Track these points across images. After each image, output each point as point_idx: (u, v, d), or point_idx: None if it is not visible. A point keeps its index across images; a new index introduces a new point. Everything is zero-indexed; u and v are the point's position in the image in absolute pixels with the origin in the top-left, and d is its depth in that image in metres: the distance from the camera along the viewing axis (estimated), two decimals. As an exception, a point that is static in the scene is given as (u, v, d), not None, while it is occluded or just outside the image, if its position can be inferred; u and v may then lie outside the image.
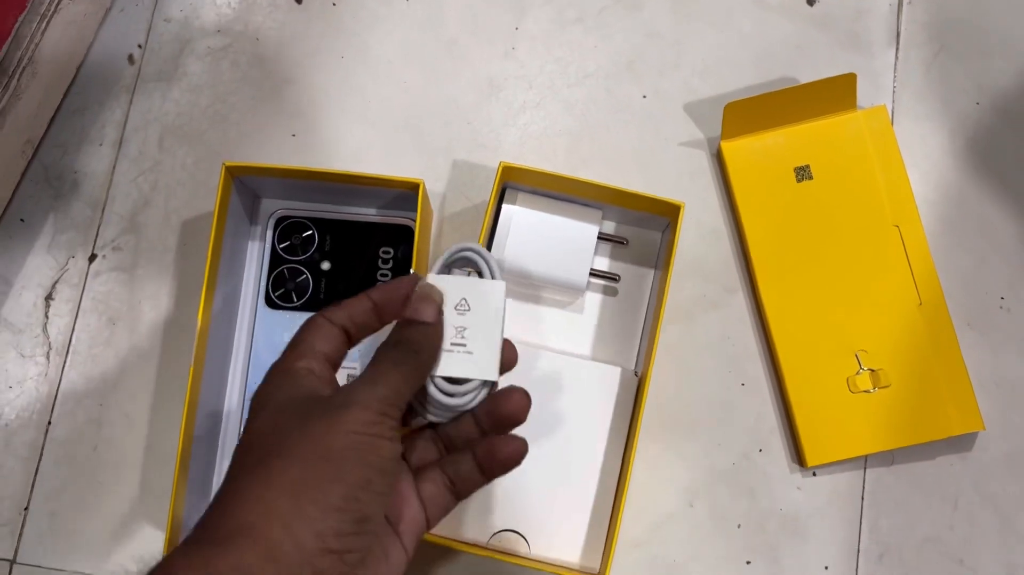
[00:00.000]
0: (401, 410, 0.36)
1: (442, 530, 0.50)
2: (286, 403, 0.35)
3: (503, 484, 0.51)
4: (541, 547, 0.50)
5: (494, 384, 0.39)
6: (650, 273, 0.56)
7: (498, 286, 0.39)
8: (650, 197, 0.52)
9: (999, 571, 0.53)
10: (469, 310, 0.39)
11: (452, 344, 0.38)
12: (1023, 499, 0.54)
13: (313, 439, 0.33)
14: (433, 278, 0.39)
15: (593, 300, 0.56)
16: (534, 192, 0.55)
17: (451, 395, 0.38)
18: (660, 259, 0.55)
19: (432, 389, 0.38)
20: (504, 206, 0.54)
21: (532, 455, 0.51)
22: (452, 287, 0.39)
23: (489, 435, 0.40)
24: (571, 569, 0.50)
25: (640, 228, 0.56)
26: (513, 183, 0.54)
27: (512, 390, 0.39)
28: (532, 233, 0.54)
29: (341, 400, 0.34)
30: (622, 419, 0.52)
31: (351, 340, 0.39)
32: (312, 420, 0.33)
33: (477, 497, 0.51)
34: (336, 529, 0.32)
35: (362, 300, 0.39)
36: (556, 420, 0.52)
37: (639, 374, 0.53)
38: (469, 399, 0.39)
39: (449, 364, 0.38)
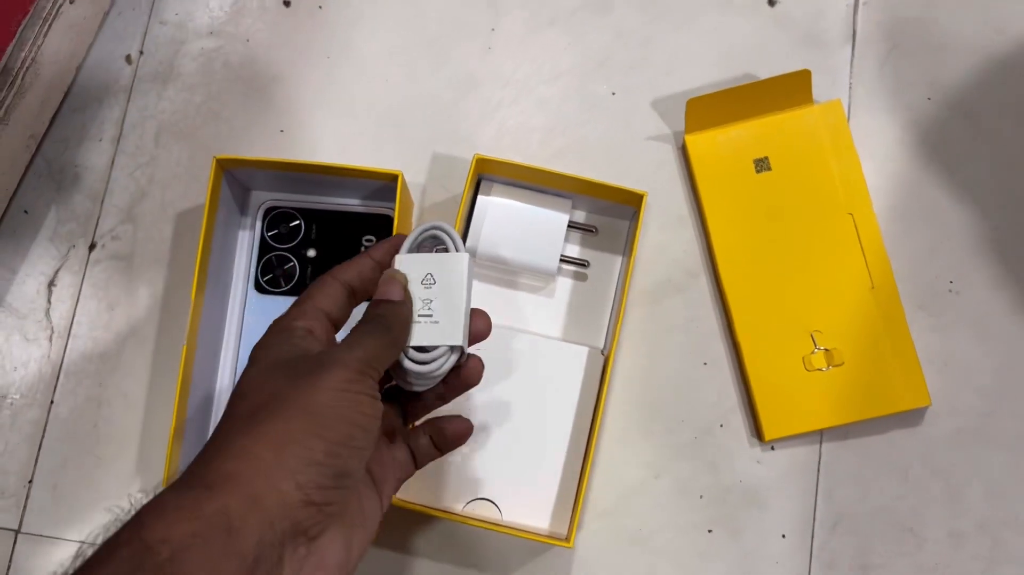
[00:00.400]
0: (379, 373, 0.38)
1: (419, 498, 0.54)
2: (278, 359, 0.37)
3: (478, 455, 0.54)
4: (513, 514, 0.54)
5: (462, 350, 0.42)
6: (618, 259, 0.59)
7: (461, 258, 0.42)
8: (616, 187, 0.55)
9: (945, 538, 0.56)
10: (435, 283, 0.41)
11: (420, 316, 0.41)
12: (968, 471, 0.57)
13: (297, 395, 0.35)
14: (400, 258, 0.42)
15: (564, 285, 0.59)
16: (508, 183, 0.58)
17: (422, 363, 0.41)
18: (626, 246, 0.59)
19: (405, 360, 0.41)
20: (479, 197, 0.58)
21: (505, 428, 0.55)
22: (417, 264, 0.42)
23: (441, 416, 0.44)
24: (540, 534, 0.53)
25: (608, 217, 0.59)
26: (488, 175, 0.58)
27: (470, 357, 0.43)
28: (506, 221, 0.57)
29: (325, 359, 0.36)
30: (589, 395, 0.55)
31: (356, 298, 0.42)
32: (298, 377, 0.35)
33: (453, 467, 0.54)
34: (317, 482, 0.33)
35: (364, 259, 0.43)
36: (528, 396, 0.55)
37: (605, 353, 0.56)
38: (439, 365, 0.41)
39: (418, 334, 0.41)
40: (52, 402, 0.59)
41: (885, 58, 0.62)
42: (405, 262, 0.42)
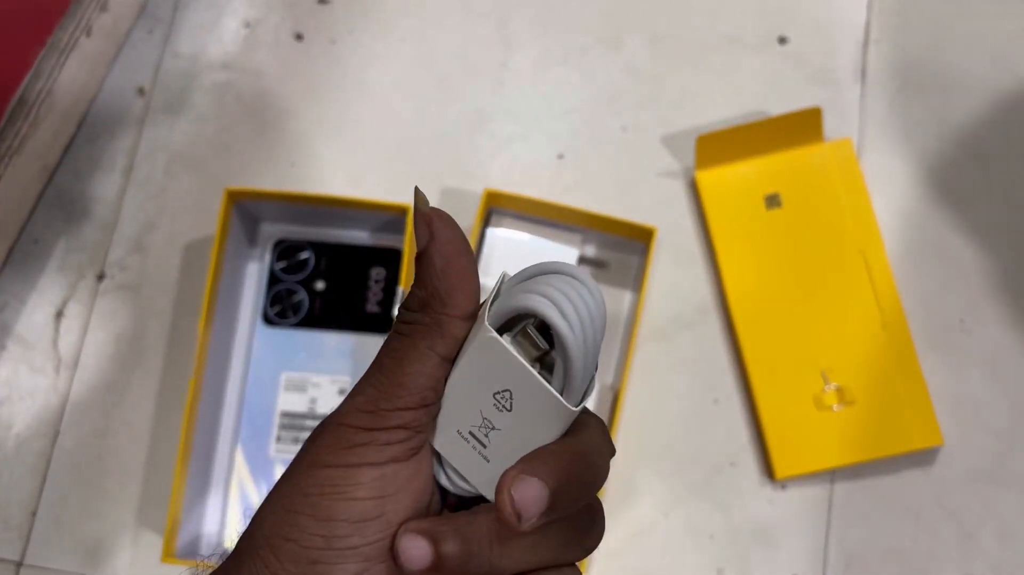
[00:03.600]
0: (404, 407, 0.26)
1: None
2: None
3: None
4: None
5: None
6: (628, 294, 0.59)
7: (563, 410, 0.26)
8: (626, 222, 0.55)
9: (959, 581, 0.55)
10: (510, 410, 0.26)
11: (469, 434, 0.27)
12: (982, 513, 0.56)
13: (293, 474, 0.27)
14: (489, 336, 0.26)
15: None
16: (517, 217, 0.58)
17: (451, 482, 0.28)
18: (636, 281, 0.59)
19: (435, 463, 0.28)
20: (489, 230, 0.58)
21: None
22: (501, 365, 0.26)
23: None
24: None
25: (618, 252, 0.59)
26: (498, 208, 0.58)
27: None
28: (515, 256, 0.57)
29: (323, 422, 0.27)
30: None
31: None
32: (304, 451, 0.27)
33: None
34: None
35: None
36: None
37: (614, 390, 0.56)
38: (467, 493, 0.28)
39: (455, 452, 0.28)
40: (58, 433, 0.59)
41: (895, 96, 0.62)
42: (488, 347, 0.26)
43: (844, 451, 0.56)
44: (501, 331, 0.26)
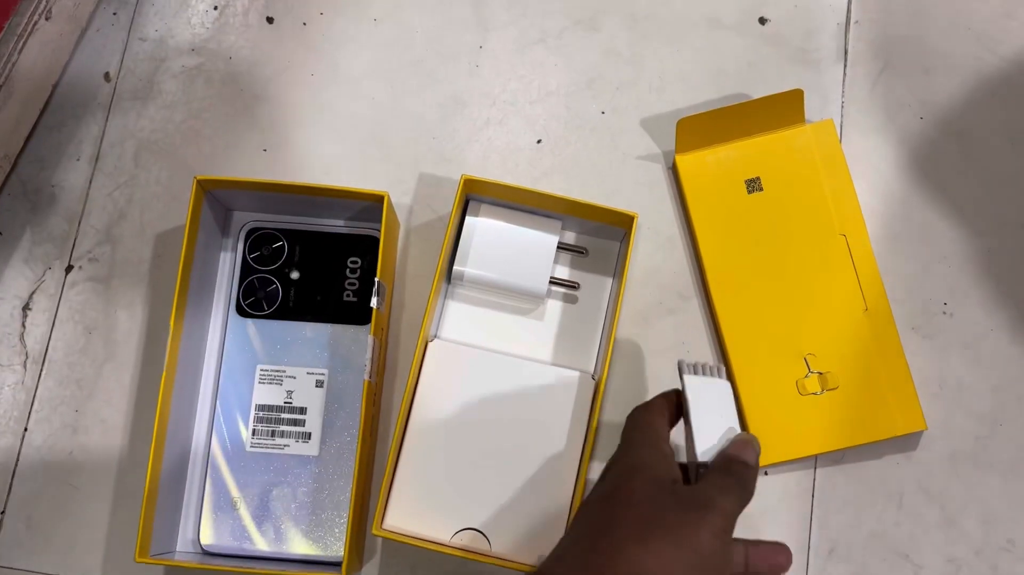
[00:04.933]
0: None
1: (405, 525, 0.52)
2: (658, 478, 0.41)
3: (467, 483, 0.53)
4: (502, 545, 0.52)
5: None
6: (608, 281, 0.58)
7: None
8: (605, 208, 0.54)
9: (941, 564, 0.55)
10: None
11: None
12: (964, 496, 0.56)
13: (684, 528, 0.39)
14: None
15: (554, 307, 0.58)
16: (496, 204, 0.57)
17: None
18: (617, 268, 0.58)
19: None
20: (467, 218, 0.56)
21: (495, 456, 0.53)
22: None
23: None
24: (531, 565, 0.52)
25: (598, 238, 0.58)
26: (475, 195, 0.57)
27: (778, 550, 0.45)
28: (494, 243, 0.56)
29: (704, 500, 0.40)
30: (580, 421, 0.54)
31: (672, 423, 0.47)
32: (685, 510, 0.39)
33: (440, 497, 0.53)
34: None
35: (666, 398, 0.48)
36: (518, 423, 0.54)
37: (596, 378, 0.55)
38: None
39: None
40: (26, 430, 0.57)
41: (877, 77, 0.62)
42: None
43: (827, 438, 0.55)
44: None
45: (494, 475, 0.53)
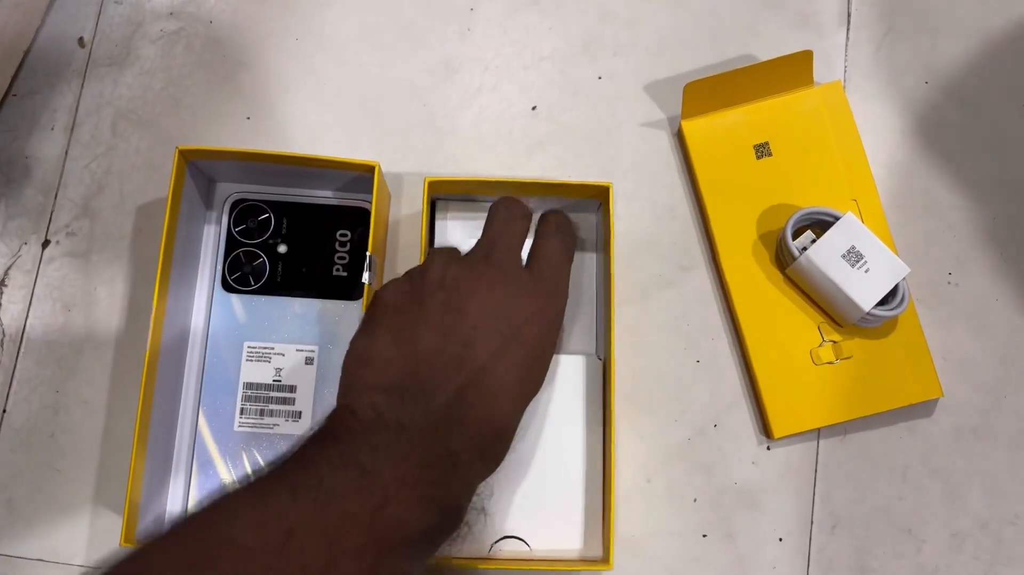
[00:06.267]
0: None
1: (440, 550, 0.50)
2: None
3: (496, 491, 0.51)
4: (541, 546, 0.51)
5: None
6: (595, 256, 0.56)
7: None
8: (577, 184, 0.52)
9: (946, 539, 0.54)
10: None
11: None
12: (968, 470, 0.55)
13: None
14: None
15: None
16: (464, 199, 0.55)
17: None
18: (599, 242, 0.56)
19: None
20: (437, 221, 0.54)
21: (517, 458, 0.51)
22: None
23: None
24: (574, 560, 0.50)
25: (580, 213, 0.56)
26: (442, 195, 0.54)
27: None
28: (470, 241, 0.54)
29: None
30: (594, 405, 0.52)
31: None
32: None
33: (471, 509, 0.51)
34: None
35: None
36: (533, 419, 0.52)
37: (602, 358, 0.53)
38: None
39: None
40: (4, 411, 0.55)
41: (880, 41, 0.60)
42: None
43: (843, 406, 0.54)
44: None
45: (520, 477, 0.51)
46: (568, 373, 0.53)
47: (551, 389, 0.52)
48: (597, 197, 0.54)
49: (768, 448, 0.55)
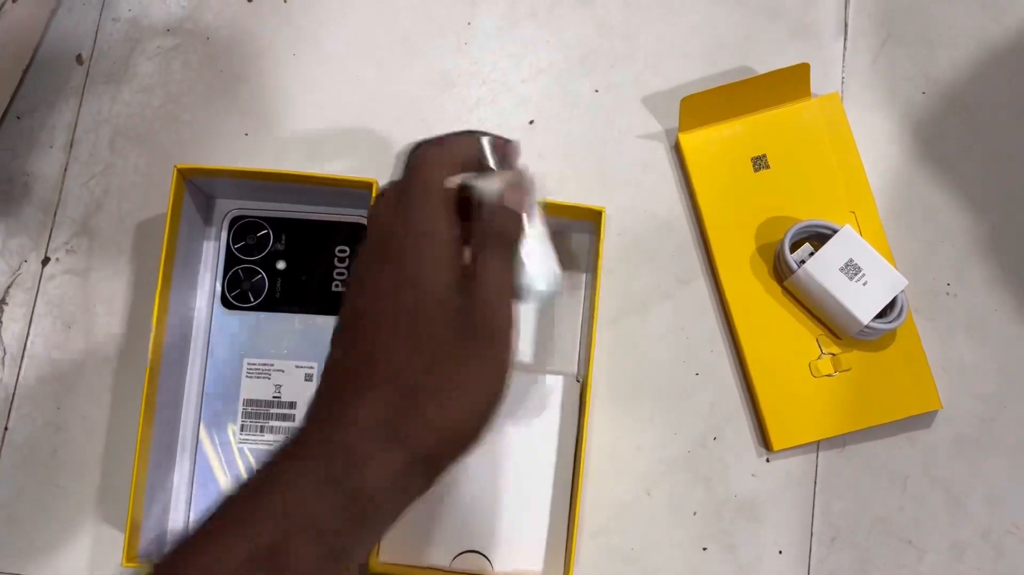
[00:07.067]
0: None
1: (402, 557, 0.50)
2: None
3: (461, 504, 0.51)
4: (504, 563, 0.51)
5: None
6: (584, 277, 0.56)
7: None
8: (571, 205, 0.52)
9: (946, 549, 0.54)
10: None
11: None
12: (969, 480, 0.55)
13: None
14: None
15: (530, 309, 0.56)
16: None
17: None
18: (589, 265, 0.56)
19: None
20: None
21: (487, 472, 0.51)
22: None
23: None
24: None
25: (575, 233, 0.56)
26: None
27: None
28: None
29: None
30: (570, 426, 0.52)
31: None
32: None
33: (435, 520, 0.51)
34: None
35: None
36: (506, 435, 0.52)
37: (580, 379, 0.53)
38: None
39: None
40: (6, 428, 0.55)
41: (879, 51, 0.60)
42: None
43: (842, 420, 0.54)
44: None
45: (488, 492, 0.51)
46: (545, 393, 0.53)
47: (526, 408, 0.52)
48: (590, 219, 0.54)
49: (768, 460, 0.55)
